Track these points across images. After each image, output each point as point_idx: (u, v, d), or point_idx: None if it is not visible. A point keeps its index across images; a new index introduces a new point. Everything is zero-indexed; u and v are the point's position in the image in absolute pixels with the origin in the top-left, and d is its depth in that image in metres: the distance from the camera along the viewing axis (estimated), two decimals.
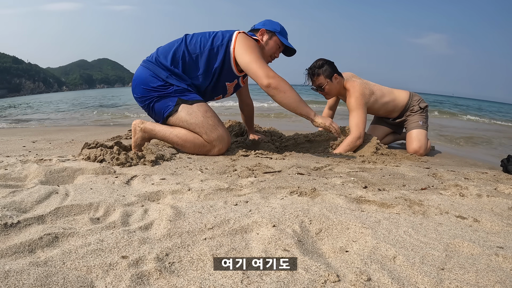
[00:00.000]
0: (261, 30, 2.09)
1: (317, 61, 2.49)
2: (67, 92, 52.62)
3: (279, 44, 2.11)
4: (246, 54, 1.89)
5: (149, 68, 1.95)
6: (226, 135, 1.95)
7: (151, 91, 1.92)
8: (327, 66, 2.45)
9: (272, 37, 2.10)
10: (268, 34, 2.10)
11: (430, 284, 0.65)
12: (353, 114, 2.39)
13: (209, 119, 1.91)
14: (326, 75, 2.45)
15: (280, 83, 1.80)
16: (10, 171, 1.32)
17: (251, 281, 0.64)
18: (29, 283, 0.59)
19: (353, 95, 2.42)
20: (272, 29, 2.10)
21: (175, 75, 1.93)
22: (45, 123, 5.30)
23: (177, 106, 1.90)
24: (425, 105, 2.61)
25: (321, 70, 2.44)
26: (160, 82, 1.90)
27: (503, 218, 1.05)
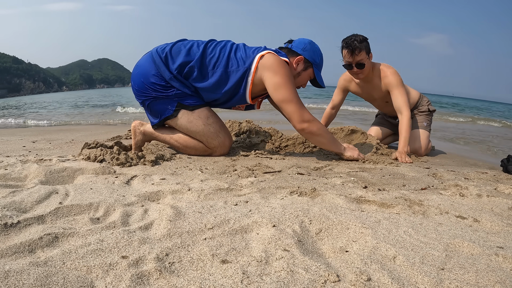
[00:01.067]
0: (299, 58, 1.85)
1: (356, 35, 2.22)
2: (67, 92, 52.52)
3: (311, 76, 1.92)
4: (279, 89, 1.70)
5: (155, 62, 1.78)
6: (227, 140, 1.91)
7: (149, 88, 1.78)
8: (366, 42, 2.22)
9: (308, 68, 1.88)
10: (304, 64, 1.87)
11: (430, 284, 0.65)
12: (399, 91, 2.25)
13: (211, 126, 1.83)
14: (366, 51, 2.22)
15: (313, 128, 1.78)
16: (10, 171, 1.32)
17: (251, 281, 0.64)
18: (29, 283, 0.59)
19: (394, 73, 2.28)
20: (311, 60, 1.87)
21: (178, 80, 1.79)
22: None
23: (176, 111, 1.81)
24: (433, 110, 2.62)
25: (363, 45, 2.19)
26: (161, 82, 1.77)
27: (503, 218, 1.05)
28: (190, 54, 1.79)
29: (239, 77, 1.76)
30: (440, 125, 5.75)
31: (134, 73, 1.87)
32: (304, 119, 1.76)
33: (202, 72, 1.78)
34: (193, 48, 1.81)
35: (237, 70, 1.76)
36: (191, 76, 1.78)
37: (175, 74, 1.77)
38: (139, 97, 1.87)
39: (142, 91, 1.82)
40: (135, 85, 1.85)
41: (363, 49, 2.20)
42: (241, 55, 1.79)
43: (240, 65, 1.77)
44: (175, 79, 1.78)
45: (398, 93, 2.26)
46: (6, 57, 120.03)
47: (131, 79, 1.90)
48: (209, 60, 1.78)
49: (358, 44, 2.18)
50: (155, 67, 1.78)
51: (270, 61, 1.72)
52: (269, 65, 1.71)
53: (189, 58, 1.78)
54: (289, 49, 1.88)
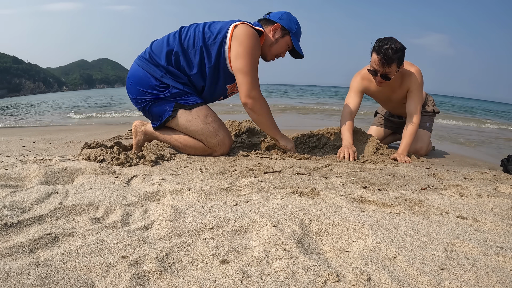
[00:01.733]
0: (276, 25, 1.88)
1: (392, 42, 1.97)
2: (66, 92, 52.14)
3: (289, 45, 1.95)
4: (238, 58, 1.75)
5: (143, 67, 1.83)
6: (227, 139, 1.92)
7: (146, 92, 1.82)
8: (402, 53, 2.00)
9: (285, 36, 1.91)
10: (281, 31, 1.90)
11: (430, 284, 0.65)
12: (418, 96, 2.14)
13: (209, 125, 1.84)
14: (398, 64, 2.01)
15: (256, 106, 1.83)
16: (10, 171, 1.32)
17: (251, 281, 0.64)
18: (29, 283, 0.59)
19: (418, 73, 2.14)
20: (288, 27, 1.90)
21: (170, 73, 1.81)
22: None
23: (175, 111, 1.82)
24: (438, 111, 2.60)
25: (397, 56, 1.97)
26: (155, 82, 1.80)
27: (503, 218, 1.05)
28: (170, 44, 1.83)
29: (217, 46, 1.78)
30: (440, 125, 5.76)
31: (129, 85, 1.91)
32: (251, 94, 1.79)
33: (186, 56, 1.81)
34: (170, 39, 1.86)
35: (214, 42, 1.79)
36: (180, 63, 1.82)
37: (166, 67, 1.80)
38: (139, 105, 1.90)
39: (141, 98, 1.85)
40: (133, 95, 1.89)
41: (396, 61, 1.98)
42: (216, 27, 1.83)
43: (217, 36, 1.79)
44: (167, 74, 1.80)
45: (415, 97, 2.15)
46: (6, 57, 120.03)
47: (128, 92, 1.94)
48: (187, 42, 1.81)
49: (392, 54, 1.95)
50: (145, 71, 1.82)
51: (239, 31, 1.75)
52: (238, 35, 1.74)
53: (170, 47, 1.81)
54: (267, 19, 1.93)
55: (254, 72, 1.80)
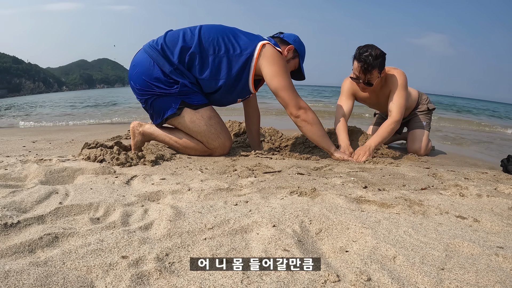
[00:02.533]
0: (290, 47, 1.95)
1: (372, 48, 2.03)
2: (66, 92, 51.95)
3: (296, 66, 2.02)
4: (276, 77, 1.76)
5: (152, 56, 1.75)
6: (228, 142, 1.91)
7: (152, 85, 1.74)
8: (382, 59, 2.06)
9: (295, 58, 1.99)
10: (293, 53, 1.98)
11: (430, 284, 0.65)
12: (399, 94, 2.12)
13: (212, 127, 1.83)
14: (379, 69, 2.07)
15: (309, 116, 1.85)
16: (10, 171, 1.32)
17: (251, 281, 0.64)
18: (29, 283, 0.59)
19: (400, 74, 2.17)
20: (299, 50, 1.99)
21: (179, 71, 1.75)
22: None
23: (180, 109, 1.78)
24: (433, 108, 2.59)
25: (377, 63, 2.03)
26: (163, 76, 1.73)
27: (503, 218, 1.05)
28: (186, 40, 1.77)
29: (242, 62, 1.77)
30: (440, 125, 5.75)
31: (133, 73, 1.81)
32: (301, 106, 1.83)
33: (203, 58, 1.76)
34: (187, 35, 1.79)
35: (240, 56, 1.77)
36: (193, 64, 1.76)
37: (177, 64, 1.74)
38: (141, 96, 1.82)
39: (145, 90, 1.78)
40: (137, 84, 1.80)
41: (376, 67, 2.04)
42: (242, 41, 1.81)
43: (243, 50, 1.78)
44: (176, 71, 1.74)
45: (397, 95, 2.15)
46: (6, 57, 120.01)
47: (130, 79, 1.85)
48: (209, 44, 1.77)
49: (372, 61, 2.01)
50: (153, 62, 1.74)
51: (269, 51, 1.78)
52: (269, 55, 1.78)
53: (186, 45, 1.76)
54: (281, 39, 1.99)
55: (294, 87, 1.84)
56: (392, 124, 2.12)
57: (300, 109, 1.83)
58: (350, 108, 2.33)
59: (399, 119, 2.13)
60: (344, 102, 2.33)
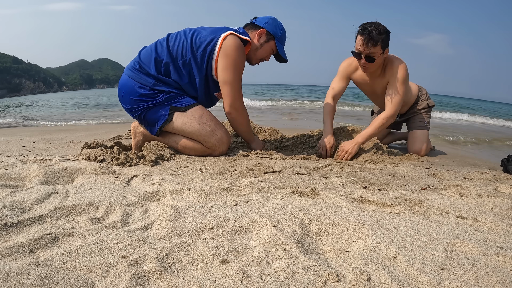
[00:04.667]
0: (261, 31, 1.95)
1: (377, 25, 1.98)
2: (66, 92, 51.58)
3: (273, 49, 2.00)
4: (224, 70, 1.80)
5: (133, 78, 1.83)
6: (225, 136, 1.92)
7: (140, 101, 1.82)
8: (386, 36, 2.00)
9: (270, 40, 1.97)
10: (266, 36, 1.96)
11: (430, 284, 0.65)
12: (397, 89, 2.07)
13: (206, 125, 1.85)
14: (382, 46, 2.00)
15: (239, 116, 1.94)
16: (10, 171, 1.32)
17: (251, 281, 0.64)
18: (29, 283, 0.59)
19: (403, 67, 2.08)
20: (273, 33, 1.96)
21: (161, 81, 1.82)
22: None
23: (170, 114, 1.82)
24: (433, 104, 2.55)
25: (381, 38, 1.97)
26: (147, 91, 1.80)
27: (503, 218, 1.05)
28: (158, 53, 1.83)
29: (206, 58, 1.81)
30: (440, 125, 5.75)
31: (121, 96, 1.89)
32: (235, 105, 1.89)
33: (176, 66, 1.82)
34: (158, 47, 1.85)
35: (204, 53, 1.81)
36: (170, 73, 1.83)
37: (157, 76, 1.80)
38: (133, 113, 1.89)
39: (134, 107, 1.85)
40: (126, 104, 1.88)
41: (380, 42, 1.97)
42: (204, 37, 1.83)
43: (207, 47, 1.81)
44: (158, 82, 1.81)
45: (395, 89, 2.08)
46: (6, 57, 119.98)
47: (121, 102, 1.92)
48: (176, 51, 1.82)
49: (376, 35, 1.95)
50: (135, 82, 1.82)
51: (227, 43, 1.79)
52: (225, 47, 1.78)
53: (159, 57, 1.82)
54: (253, 24, 1.98)
55: (239, 84, 1.87)
56: (384, 119, 2.09)
57: (233, 109, 1.90)
58: (342, 89, 2.33)
59: (393, 115, 2.09)
60: (336, 84, 2.32)
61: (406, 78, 2.11)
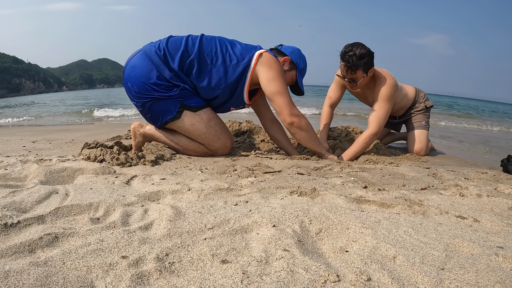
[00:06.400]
0: (286, 58, 1.95)
1: (357, 47, 1.99)
2: (66, 92, 51.65)
3: (293, 79, 2.00)
4: (272, 82, 1.76)
5: (153, 61, 1.72)
6: (229, 141, 1.91)
7: (152, 89, 1.72)
8: (368, 59, 2.02)
9: (292, 70, 1.98)
10: (290, 65, 1.97)
11: (430, 284, 0.65)
12: (380, 105, 2.13)
13: (212, 128, 1.82)
14: (364, 69, 2.05)
15: (302, 123, 1.86)
16: (10, 171, 1.32)
17: (251, 281, 0.64)
18: (29, 283, 0.59)
19: (388, 85, 2.13)
20: (296, 63, 1.97)
21: (179, 77, 1.75)
22: None
23: (179, 112, 1.76)
24: (431, 105, 2.56)
25: (361, 63, 2.01)
26: (162, 81, 1.72)
27: (503, 218, 1.05)
28: (188, 48, 1.78)
29: (239, 72, 1.78)
30: (440, 124, 5.75)
31: (131, 75, 1.77)
32: (294, 113, 1.84)
33: (201, 66, 1.77)
34: (189, 42, 1.80)
35: (237, 66, 1.78)
36: (192, 71, 1.77)
37: (176, 71, 1.73)
38: (138, 100, 1.78)
39: (143, 93, 1.74)
40: (134, 86, 1.76)
41: (360, 67, 2.02)
42: (240, 51, 1.81)
43: (240, 60, 1.79)
44: (175, 77, 1.74)
45: (378, 107, 2.14)
46: (6, 57, 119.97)
47: (127, 81, 1.79)
48: (207, 54, 1.78)
49: (356, 61, 1.99)
50: (153, 67, 1.73)
51: (266, 58, 1.80)
52: (265, 61, 1.79)
53: (187, 53, 1.77)
54: (279, 50, 2.00)
55: (289, 93, 1.85)
56: (367, 138, 2.11)
57: (294, 116, 1.83)
58: (339, 97, 2.43)
59: (376, 133, 2.12)
60: (334, 92, 2.42)
61: (390, 95, 2.15)
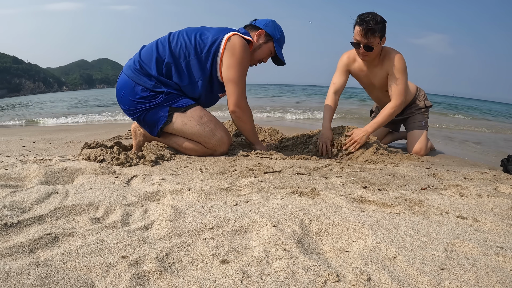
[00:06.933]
0: (260, 31, 1.97)
1: (374, 15, 2.04)
2: (66, 92, 51.68)
3: (272, 51, 2.02)
4: (229, 69, 1.81)
5: (133, 78, 1.80)
6: (226, 136, 1.92)
7: (139, 102, 1.80)
8: (383, 25, 2.06)
9: (268, 42, 2.00)
10: (265, 37, 1.99)
11: (430, 284, 0.65)
12: (399, 78, 2.13)
13: (205, 125, 1.84)
14: (380, 35, 2.06)
15: (244, 115, 1.94)
16: (10, 171, 1.32)
17: (251, 281, 0.64)
18: (29, 283, 0.59)
19: (400, 58, 2.15)
20: (272, 34, 1.99)
21: (161, 82, 1.80)
22: None
23: (170, 115, 1.81)
24: (430, 105, 2.57)
25: (380, 27, 2.03)
26: (147, 93, 1.78)
27: (503, 218, 1.05)
28: (160, 53, 1.82)
29: (211, 59, 1.81)
30: (440, 125, 5.75)
31: (120, 96, 1.86)
32: (240, 104, 1.89)
33: (178, 65, 1.81)
34: (159, 46, 1.83)
35: (208, 54, 1.80)
36: (171, 73, 1.81)
37: (157, 77, 1.79)
38: (133, 115, 1.87)
39: (134, 109, 1.83)
40: (126, 106, 1.85)
41: (377, 31, 2.04)
42: (208, 37, 1.83)
43: (211, 48, 1.81)
44: (158, 83, 1.79)
45: (397, 79, 2.15)
46: (6, 57, 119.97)
47: (119, 103, 1.90)
48: (178, 51, 1.81)
49: (373, 25, 2.01)
50: (134, 82, 1.79)
51: (233, 42, 1.80)
52: (231, 46, 1.80)
53: (160, 57, 1.80)
54: (252, 25, 2.02)
55: (243, 83, 1.88)
56: (392, 109, 2.14)
57: (238, 107, 1.89)
58: (343, 82, 2.37)
59: (400, 103, 2.15)
60: (337, 79, 2.37)
61: (405, 67, 2.18)
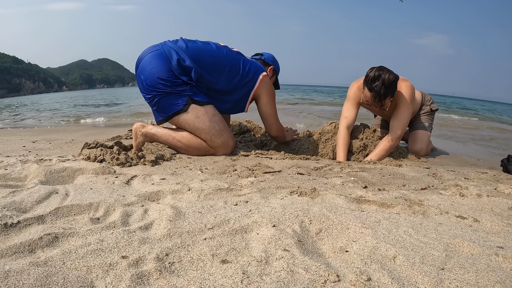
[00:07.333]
0: (271, 68, 2.32)
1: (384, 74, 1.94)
2: (67, 92, 51.76)
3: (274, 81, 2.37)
4: (269, 105, 2.14)
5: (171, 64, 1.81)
6: (231, 141, 1.95)
7: (162, 84, 1.80)
8: (395, 85, 1.97)
9: (274, 76, 2.36)
10: (273, 72, 2.34)
11: (430, 284, 0.65)
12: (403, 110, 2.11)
13: (216, 124, 1.88)
14: (392, 95, 2.00)
15: (280, 136, 2.30)
16: (10, 171, 1.32)
17: (251, 281, 0.64)
18: (29, 283, 0.59)
19: (409, 90, 2.12)
20: (276, 70, 2.36)
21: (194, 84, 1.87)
22: None
23: (187, 105, 1.83)
24: (436, 109, 2.58)
25: (390, 91, 1.96)
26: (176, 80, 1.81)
27: (503, 218, 1.05)
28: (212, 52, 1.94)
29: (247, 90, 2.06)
30: (440, 124, 5.75)
31: (146, 69, 1.83)
32: (279, 129, 2.26)
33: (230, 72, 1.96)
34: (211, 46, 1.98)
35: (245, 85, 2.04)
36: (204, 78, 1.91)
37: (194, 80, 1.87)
38: (149, 92, 1.84)
39: (154, 87, 1.81)
40: (147, 80, 1.82)
41: (390, 94, 1.97)
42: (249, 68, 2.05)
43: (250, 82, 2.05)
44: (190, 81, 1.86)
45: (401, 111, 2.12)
46: (6, 57, 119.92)
47: (141, 73, 1.86)
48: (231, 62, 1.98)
49: (385, 92, 1.94)
50: (171, 69, 1.81)
51: (267, 84, 2.11)
52: (267, 86, 2.11)
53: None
54: (263, 61, 2.36)
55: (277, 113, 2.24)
56: (391, 141, 2.10)
57: (278, 132, 2.25)
58: (354, 115, 2.27)
59: (400, 136, 2.12)
60: (349, 112, 2.26)
61: (412, 97, 2.19)
